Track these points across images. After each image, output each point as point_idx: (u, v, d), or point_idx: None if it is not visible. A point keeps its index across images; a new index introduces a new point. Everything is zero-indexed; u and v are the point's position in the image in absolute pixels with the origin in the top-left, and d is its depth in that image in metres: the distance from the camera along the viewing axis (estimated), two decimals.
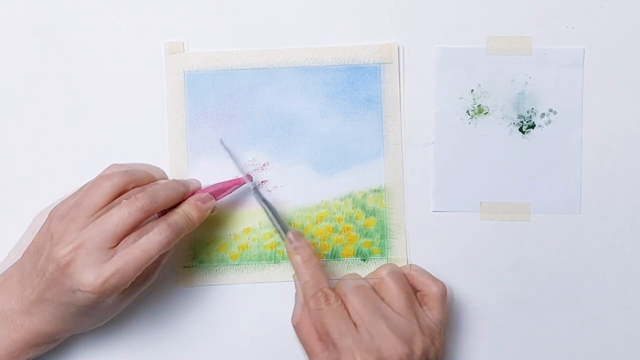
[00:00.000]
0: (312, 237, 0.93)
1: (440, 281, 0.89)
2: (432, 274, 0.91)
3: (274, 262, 0.93)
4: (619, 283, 0.94)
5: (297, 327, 0.87)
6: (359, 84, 0.92)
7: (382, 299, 0.86)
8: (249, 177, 0.92)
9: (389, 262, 0.93)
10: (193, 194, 0.88)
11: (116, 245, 0.81)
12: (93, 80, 0.93)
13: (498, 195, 0.93)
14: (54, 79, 0.93)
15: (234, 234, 0.93)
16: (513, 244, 0.94)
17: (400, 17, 0.93)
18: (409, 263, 0.93)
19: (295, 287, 0.88)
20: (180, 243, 0.92)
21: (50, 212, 0.86)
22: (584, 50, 0.92)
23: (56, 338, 0.86)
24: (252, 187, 0.92)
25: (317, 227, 0.93)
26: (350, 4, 0.92)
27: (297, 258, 0.87)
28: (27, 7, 0.94)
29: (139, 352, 0.95)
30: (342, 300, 0.85)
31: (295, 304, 0.88)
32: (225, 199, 0.92)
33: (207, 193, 0.88)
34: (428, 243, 0.94)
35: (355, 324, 0.84)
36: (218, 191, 0.89)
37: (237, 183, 0.91)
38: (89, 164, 0.93)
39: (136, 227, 0.82)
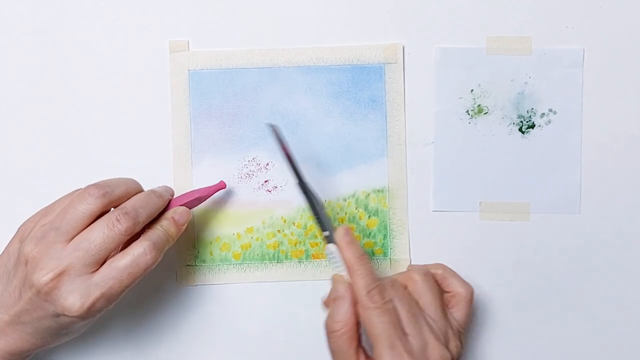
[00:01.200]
0: (315, 237, 0.93)
1: (468, 284, 0.89)
2: None
3: (277, 262, 0.93)
4: (619, 283, 0.94)
5: (337, 333, 0.81)
6: (363, 84, 0.92)
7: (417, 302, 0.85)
8: (223, 185, 0.91)
9: (391, 262, 0.93)
10: (168, 203, 0.87)
11: (99, 268, 0.80)
12: (94, 80, 0.93)
13: (498, 195, 0.93)
14: (54, 79, 0.93)
15: (236, 233, 0.93)
16: (513, 243, 0.94)
17: (400, 17, 0.93)
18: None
19: (337, 290, 0.83)
20: (182, 242, 0.92)
21: (19, 231, 0.85)
22: (583, 50, 0.92)
23: (31, 354, 0.85)
24: (296, 182, 0.87)
25: None
26: (351, 4, 0.93)
27: (351, 253, 0.83)
28: (27, 7, 0.93)
29: (140, 350, 0.94)
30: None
31: (336, 308, 0.82)
32: (228, 198, 0.92)
33: (183, 206, 0.87)
34: (428, 243, 0.94)
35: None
36: (194, 201, 0.89)
37: (212, 191, 0.90)
38: (90, 164, 0.93)
39: (118, 248, 0.81)
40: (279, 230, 0.93)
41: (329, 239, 0.84)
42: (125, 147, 0.93)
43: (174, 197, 0.88)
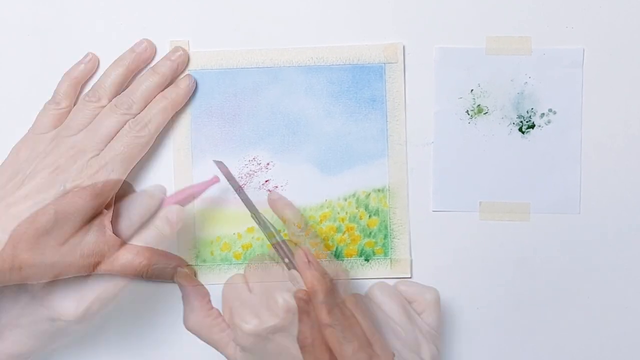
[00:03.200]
0: (316, 236, 0.93)
1: (432, 287, 0.89)
2: (432, 274, 0.91)
3: (278, 262, 0.93)
4: (619, 283, 0.94)
5: (308, 348, 0.81)
6: (363, 83, 0.92)
7: None
8: (216, 180, 0.90)
9: (391, 262, 0.93)
10: (162, 202, 0.86)
11: (92, 272, 0.80)
12: (94, 79, 0.93)
13: (498, 195, 0.93)
14: (54, 79, 0.93)
15: (237, 233, 0.93)
16: (512, 243, 0.94)
17: (400, 17, 0.93)
18: (411, 263, 0.94)
19: (301, 307, 0.82)
20: (182, 242, 0.92)
21: (12, 235, 0.81)
22: (583, 50, 0.92)
23: (29, 357, 0.84)
24: (252, 216, 0.90)
25: (321, 227, 0.93)
26: (351, 4, 0.93)
27: (310, 274, 0.83)
28: (27, 7, 0.93)
29: (139, 351, 0.94)
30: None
31: (303, 324, 0.83)
32: (228, 197, 0.92)
33: (177, 204, 0.87)
34: (428, 243, 0.94)
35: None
36: (187, 197, 0.88)
37: (205, 186, 0.89)
38: None
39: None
40: (279, 230, 0.93)
41: (289, 266, 0.86)
42: None
43: (167, 195, 0.88)
